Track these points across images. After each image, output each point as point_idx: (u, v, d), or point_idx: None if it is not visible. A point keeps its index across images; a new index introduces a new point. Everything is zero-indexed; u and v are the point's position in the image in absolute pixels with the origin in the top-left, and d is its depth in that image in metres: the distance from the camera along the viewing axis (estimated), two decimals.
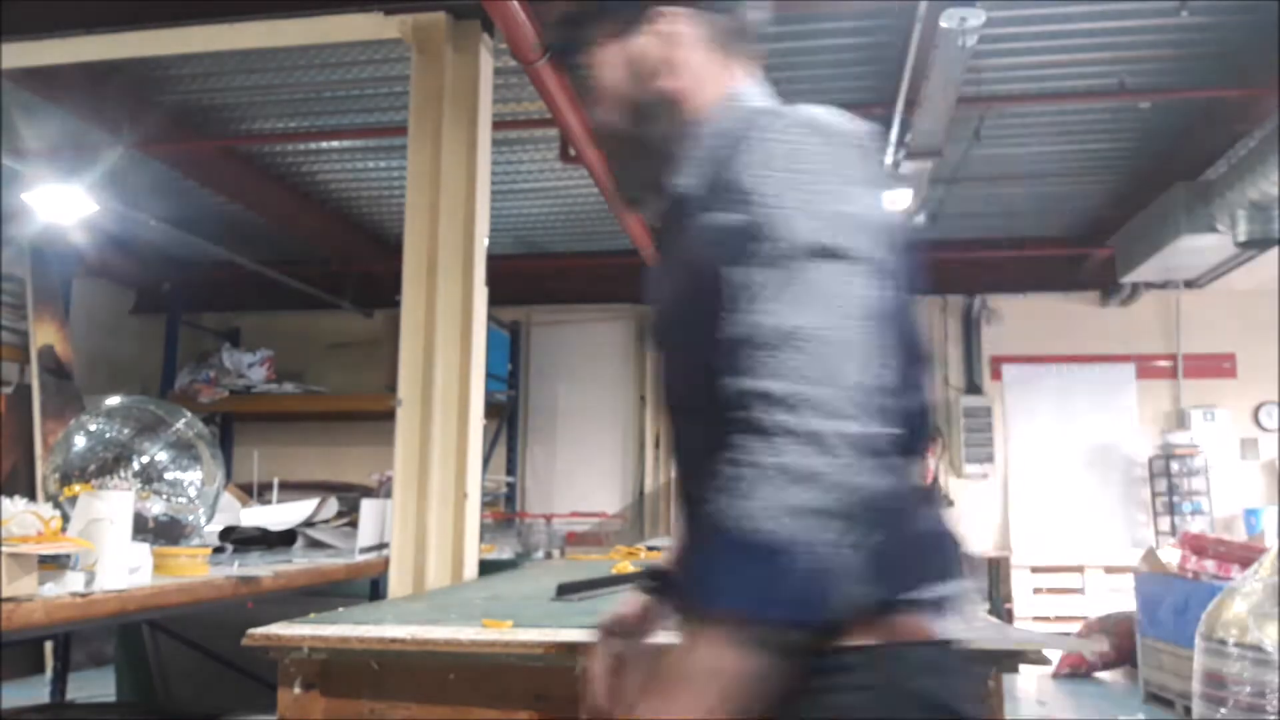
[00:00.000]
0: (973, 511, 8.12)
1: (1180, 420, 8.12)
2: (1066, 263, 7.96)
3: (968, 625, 1.17)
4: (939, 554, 1.11)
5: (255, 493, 4.96)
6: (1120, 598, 6.86)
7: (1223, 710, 3.53)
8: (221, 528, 3.52)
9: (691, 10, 1.26)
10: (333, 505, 4.12)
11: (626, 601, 1.35)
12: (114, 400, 3.15)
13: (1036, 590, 7.78)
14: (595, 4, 1.29)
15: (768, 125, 1.10)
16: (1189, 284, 7.86)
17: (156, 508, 2.88)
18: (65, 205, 5.82)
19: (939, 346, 8.45)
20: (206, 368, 8.15)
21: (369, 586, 3.68)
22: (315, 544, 3.75)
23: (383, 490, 4.39)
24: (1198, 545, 5.45)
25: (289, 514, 3.97)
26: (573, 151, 5.18)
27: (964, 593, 1.11)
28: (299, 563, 3.23)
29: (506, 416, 8.50)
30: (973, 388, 8.34)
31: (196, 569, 2.67)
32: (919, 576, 1.06)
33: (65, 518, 2.54)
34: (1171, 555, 5.65)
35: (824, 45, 4.78)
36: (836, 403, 0.94)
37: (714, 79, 1.27)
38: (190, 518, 2.99)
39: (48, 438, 6.58)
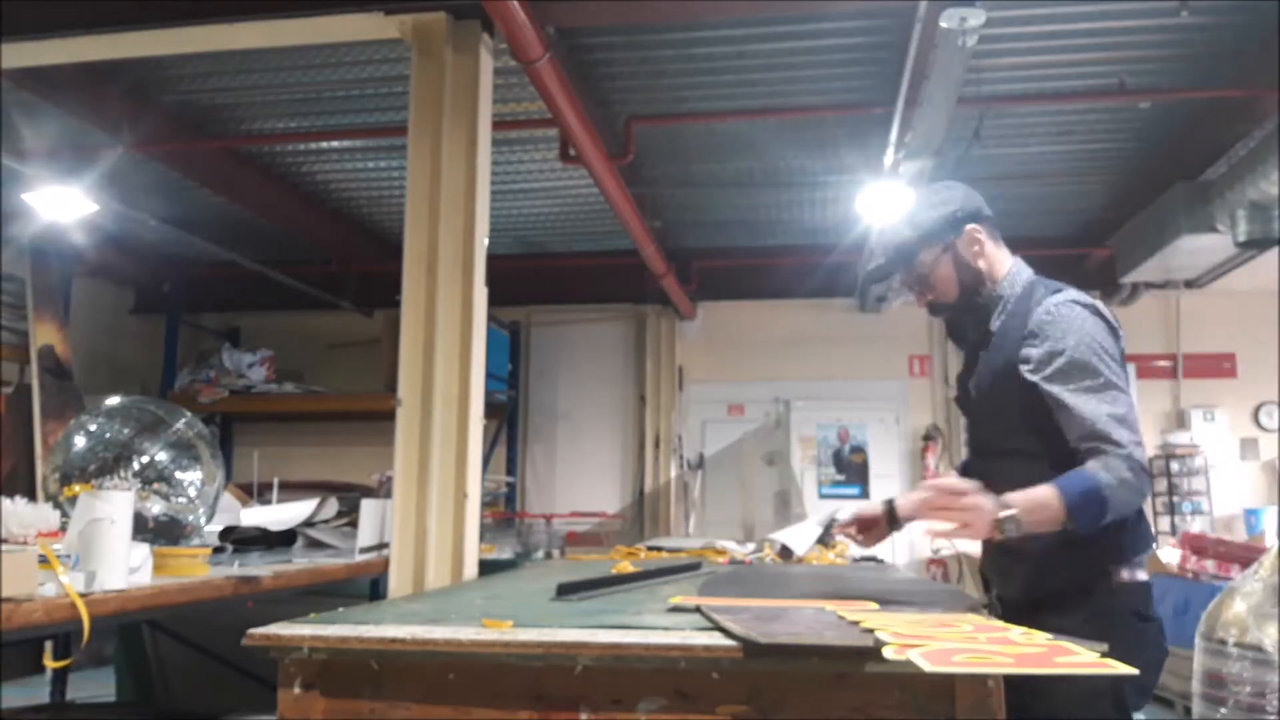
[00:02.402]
0: None
1: (1180, 420, 8.13)
2: (1066, 263, 7.95)
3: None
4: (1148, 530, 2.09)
5: (255, 493, 4.96)
6: None
7: (1223, 710, 3.53)
8: (221, 528, 3.52)
9: (978, 224, 2.18)
10: (333, 505, 4.12)
11: (868, 506, 2.30)
12: (114, 400, 3.15)
13: None
14: (919, 235, 2.17)
15: (1043, 298, 2.07)
16: (1189, 284, 7.86)
17: (156, 508, 2.88)
18: (65, 205, 5.82)
19: (939, 346, 8.45)
20: (206, 368, 8.15)
21: (369, 586, 3.68)
22: (315, 544, 3.75)
23: (383, 490, 4.39)
24: (1198, 545, 5.45)
25: (289, 514, 3.97)
26: (573, 151, 5.18)
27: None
28: (299, 563, 3.23)
29: (506, 416, 8.49)
30: None
31: (196, 569, 2.67)
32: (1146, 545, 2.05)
33: (65, 517, 2.54)
34: (1171, 555, 5.65)
35: (824, 45, 4.78)
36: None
37: (998, 260, 2.19)
38: (190, 518, 2.99)
39: (48, 438, 6.58)
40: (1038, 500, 1.86)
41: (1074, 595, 1.97)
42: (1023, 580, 2.05)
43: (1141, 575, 2.03)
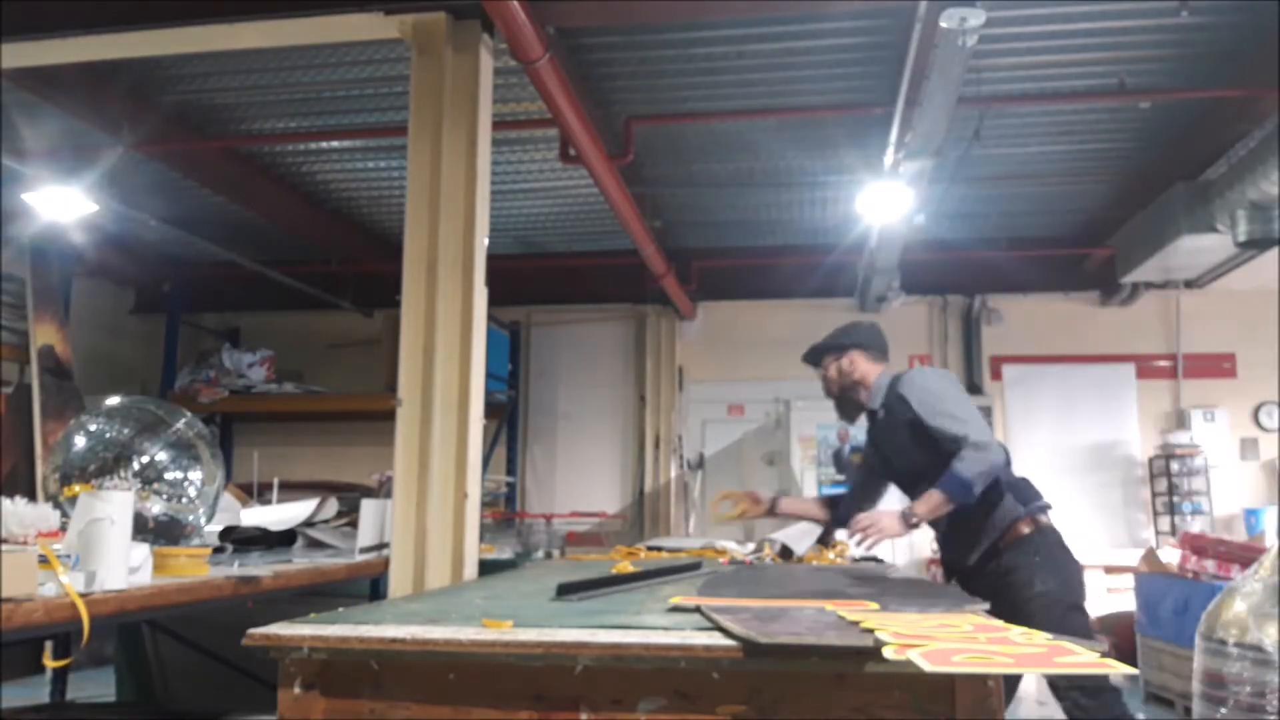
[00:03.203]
0: None
1: (1180, 420, 8.13)
2: (1066, 263, 7.96)
3: None
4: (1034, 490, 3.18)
5: (255, 493, 4.96)
6: (1120, 598, 6.86)
7: (1223, 710, 3.53)
8: (221, 528, 3.51)
9: (859, 350, 3.45)
10: (333, 505, 4.12)
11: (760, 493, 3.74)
12: (114, 400, 3.15)
13: None
14: (827, 345, 3.53)
15: (907, 379, 3.27)
16: (1189, 284, 7.87)
17: (156, 508, 2.87)
18: (65, 205, 5.82)
19: (939, 346, 8.45)
20: (206, 368, 8.15)
21: (369, 586, 3.68)
22: (315, 544, 3.75)
23: (383, 490, 4.39)
24: (1198, 545, 5.45)
25: (289, 514, 3.96)
26: (572, 151, 5.18)
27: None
28: (299, 563, 3.23)
29: (506, 416, 8.50)
30: (973, 388, 8.33)
31: (196, 569, 2.67)
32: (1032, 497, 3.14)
33: (65, 517, 2.54)
34: (1171, 555, 5.65)
35: (824, 45, 4.79)
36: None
37: (872, 370, 3.42)
38: (190, 518, 2.99)
39: (48, 438, 6.58)
40: (929, 503, 3.02)
41: (1015, 542, 3.04)
42: (972, 544, 3.10)
43: (1045, 519, 3.10)
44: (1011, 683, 3.06)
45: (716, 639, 1.56)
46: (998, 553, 3.05)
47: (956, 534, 3.15)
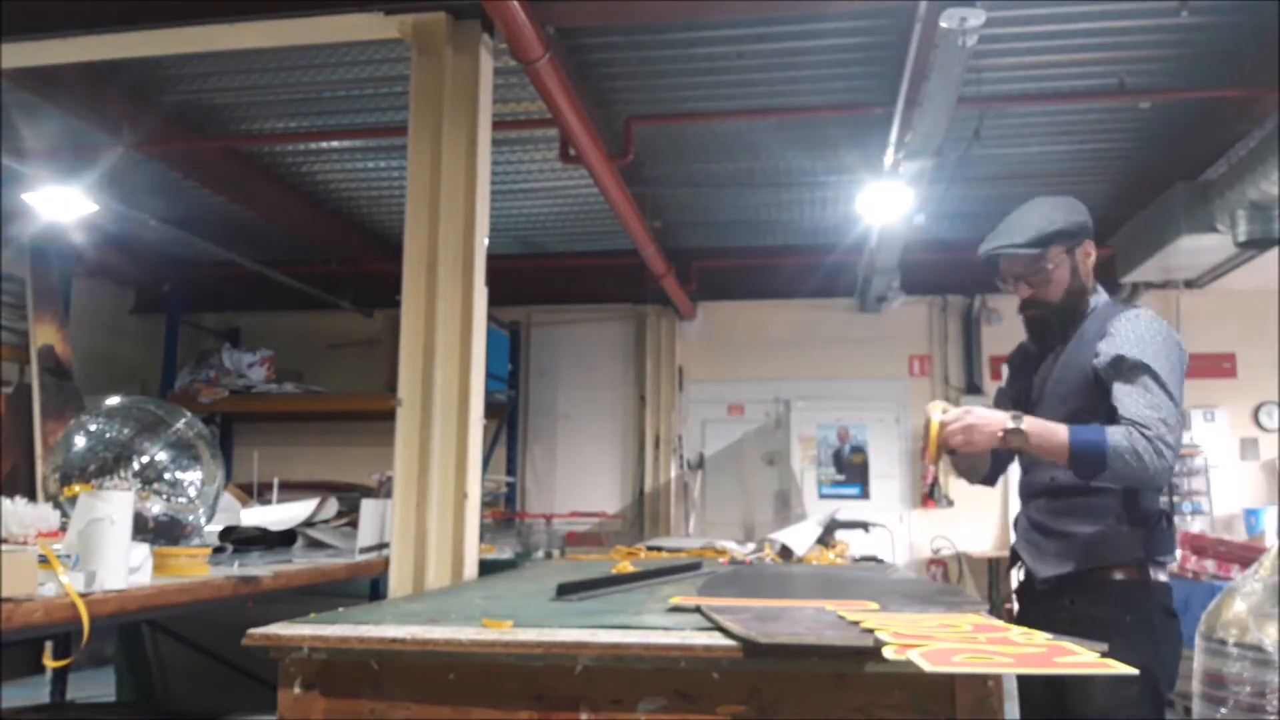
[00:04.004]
0: (972, 511, 8.12)
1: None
2: None
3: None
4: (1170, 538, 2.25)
5: (255, 493, 4.96)
6: None
7: (1223, 710, 3.53)
8: (221, 528, 3.51)
9: (1092, 240, 2.39)
10: (333, 505, 4.12)
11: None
12: (114, 400, 3.15)
13: None
14: (1053, 232, 2.35)
15: (1122, 310, 2.28)
16: (1189, 284, 7.87)
17: (156, 508, 2.87)
18: (65, 205, 5.82)
19: (939, 346, 8.45)
20: (206, 368, 8.15)
21: (369, 586, 3.68)
22: (315, 544, 3.75)
23: (383, 490, 4.39)
24: (1198, 545, 5.45)
25: (289, 514, 3.97)
26: (573, 151, 5.18)
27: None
28: (299, 563, 3.23)
29: (506, 416, 8.50)
30: (973, 388, 8.34)
31: (196, 569, 2.67)
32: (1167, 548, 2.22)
33: (65, 517, 2.54)
34: None
35: (824, 45, 4.79)
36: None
37: (1092, 278, 2.40)
38: (190, 518, 2.99)
39: (48, 438, 6.58)
40: (1048, 428, 2.12)
41: (1110, 584, 2.16)
42: (1055, 559, 2.23)
43: (1164, 576, 2.21)
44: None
45: (716, 639, 1.56)
46: (1081, 587, 2.19)
47: (1045, 534, 2.27)
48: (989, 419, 2.13)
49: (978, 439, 2.14)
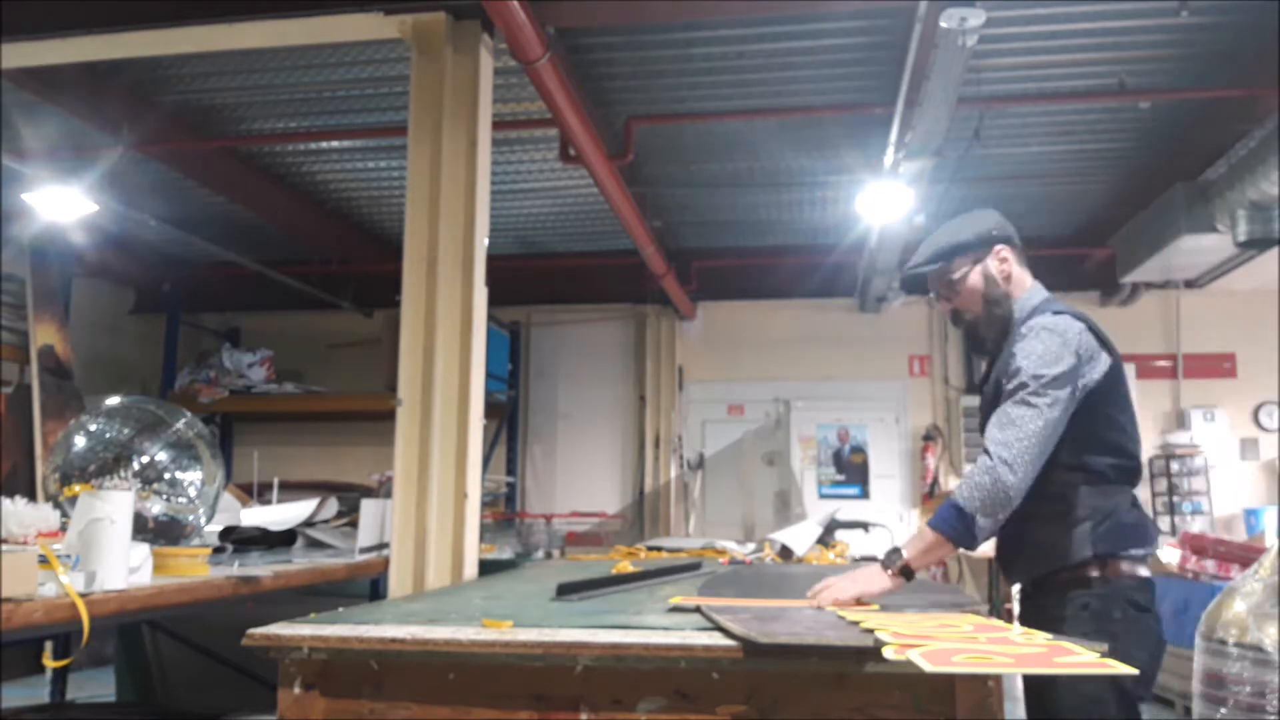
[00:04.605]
0: None
1: (1180, 420, 8.12)
2: (1066, 263, 7.95)
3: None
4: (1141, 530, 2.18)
5: (255, 493, 4.96)
6: None
7: (1223, 710, 3.53)
8: (221, 528, 3.51)
9: (1008, 245, 2.38)
10: (333, 505, 4.12)
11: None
12: (114, 400, 3.15)
13: None
14: (953, 245, 2.37)
15: (1031, 319, 2.22)
16: (1189, 284, 7.87)
17: (156, 508, 2.87)
18: (65, 205, 5.82)
19: (939, 346, 8.45)
20: (206, 368, 8.15)
21: (369, 586, 3.68)
22: (315, 544, 3.75)
23: (383, 490, 4.39)
24: (1198, 545, 5.44)
25: (289, 514, 3.96)
26: (573, 151, 5.18)
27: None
28: (299, 563, 3.23)
29: (506, 416, 8.50)
30: (973, 388, 8.33)
31: (196, 569, 2.67)
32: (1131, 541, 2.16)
33: (65, 517, 2.54)
34: (1171, 555, 5.64)
35: (824, 45, 4.78)
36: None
37: (1020, 283, 2.37)
38: (190, 518, 2.98)
39: (48, 438, 6.58)
40: (922, 541, 2.08)
41: (1071, 582, 2.14)
42: (1023, 565, 2.26)
43: (1142, 570, 2.16)
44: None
45: (716, 639, 1.56)
46: (1045, 590, 2.21)
47: (1009, 542, 2.27)
48: (863, 578, 2.08)
49: (874, 592, 2.06)
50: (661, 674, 1.54)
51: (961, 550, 2.17)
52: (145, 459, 2.91)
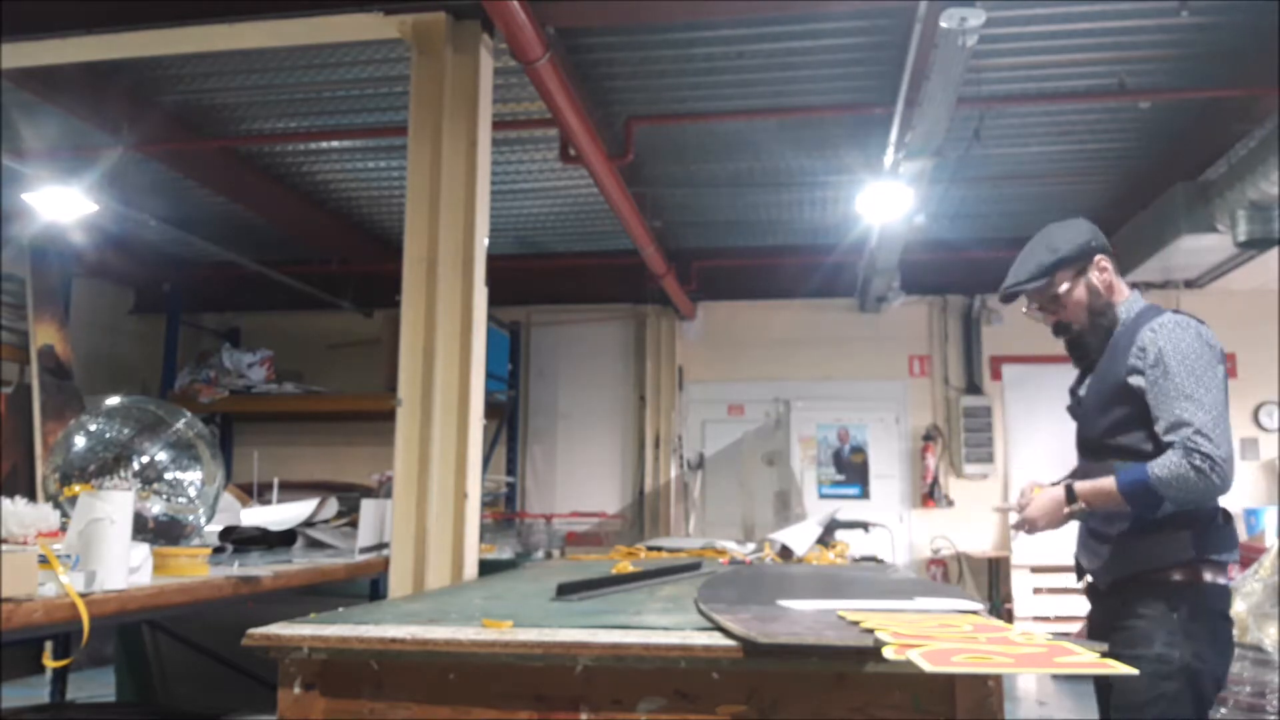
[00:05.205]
0: (972, 511, 8.13)
1: None
2: None
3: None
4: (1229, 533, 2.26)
5: (255, 493, 4.95)
6: None
7: (1223, 710, 3.53)
8: (221, 528, 3.51)
9: (1105, 254, 2.40)
10: (333, 505, 4.11)
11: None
12: (114, 400, 3.15)
13: (1036, 590, 7.77)
14: (1055, 260, 2.39)
15: (1151, 319, 2.28)
16: (1189, 284, 7.87)
17: (156, 508, 2.87)
18: (65, 205, 5.82)
19: (939, 346, 8.45)
20: (206, 368, 8.15)
21: (369, 586, 3.68)
22: (315, 544, 3.74)
23: (383, 490, 4.39)
24: None
25: (289, 514, 3.96)
26: (573, 151, 5.18)
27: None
28: (299, 563, 3.23)
29: (506, 416, 8.50)
30: (973, 388, 8.34)
31: (196, 569, 2.67)
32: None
33: (65, 517, 2.54)
34: None
35: (824, 45, 4.78)
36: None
37: (1119, 289, 2.40)
38: (190, 518, 2.98)
39: (48, 438, 6.58)
40: (1098, 487, 2.22)
41: (1161, 586, 2.18)
42: (1107, 563, 2.29)
43: (1223, 579, 2.21)
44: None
45: (716, 639, 1.56)
46: (1135, 589, 2.22)
47: (1100, 540, 2.32)
48: (1047, 507, 2.30)
49: (1044, 525, 2.31)
50: (661, 674, 1.54)
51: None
52: (145, 459, 2.91)
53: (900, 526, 8.18)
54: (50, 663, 4.12)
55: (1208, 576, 2.18)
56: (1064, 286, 2.39)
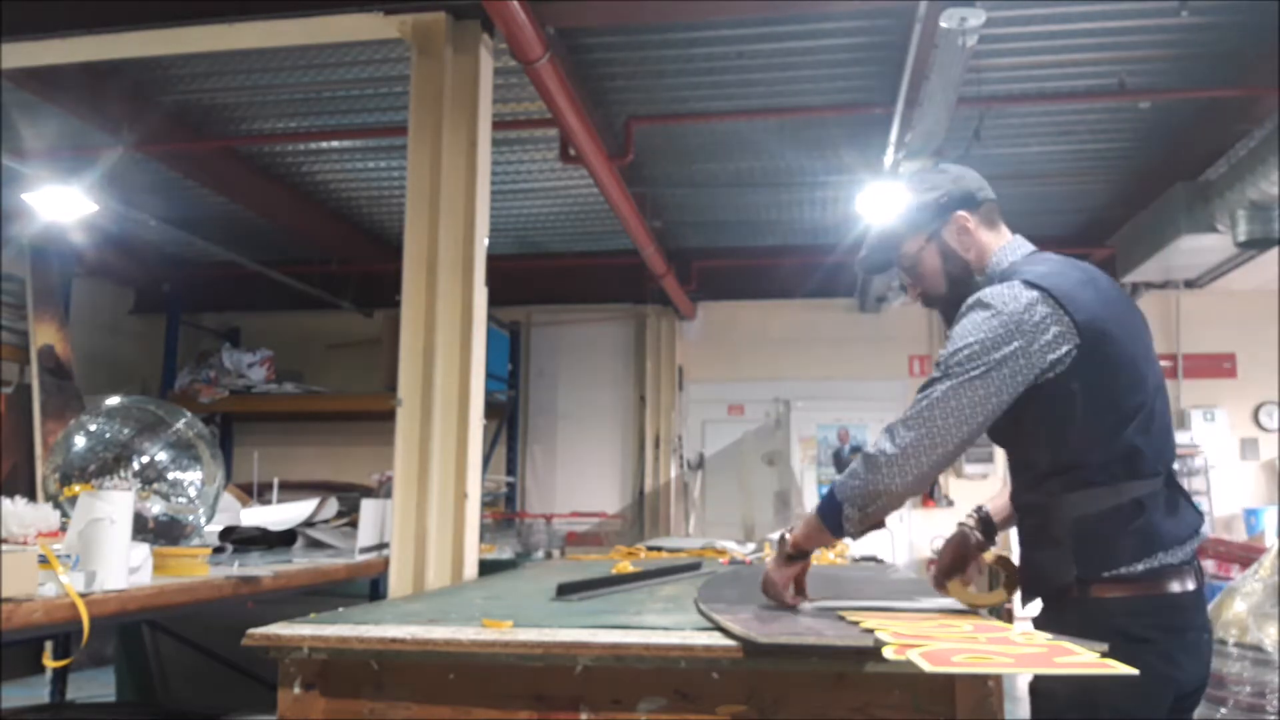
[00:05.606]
0: None
1: (1180, 420, 8.12)
2: None
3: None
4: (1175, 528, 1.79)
5: (255, 493, 4.96)
6: None
7: (1223, 710, 3.53)
8: (221, 528, 3.51)
9: (968, 210, 2.01)
10: (333, 505, 4.12)
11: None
12: (114, 400, 3.15)
13: None
14: (902, 224, 2.02)
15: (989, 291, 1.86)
16: (1189, 284, 7.86)
17: (156, 508, 2.87)
18: (65, 205, 5.81)
19: (939, 346, 8.44)
20: (206, 368, 8.15)
21: (369, 586, 3.68)
22: (315, 544, 3.75)
23: (383, 490, 4.39)
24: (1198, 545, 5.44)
25: (289, 514, 3.96)
26: (573, 151, 5.18)
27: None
28: (299, 563, 3.23)
29: (506, 416, 8.50)
30: None
31: (196, 569, 2.67)
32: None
33: (65, 517, 2.54)
34: None
35: (824, 45, 4.78)
36: None
37: (993, 240, 2.04)
38: (190, 518, 2.99)
39: (48, 438, 6.58)
40: (805, 519, 1.86)
41: (1051, 603, 1.80)
42: (1023, 582, 1.93)
43: (1135, 590, 1.70)
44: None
45: (716, 639, 1.56)
46: (1042, 614, 1.82)
47: (1023, 567, 1.92)
48: (774, 563, 1.94)
49: (782, 583, 1.92)
50: (661, 674, 1.54)
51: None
52: (145, 459, 2.91)
53: (900, 526, 8.18)
54: (50, 663, 4.12)
55: (1104, 594, 1.70)
56: (914, 251, 2.00)
